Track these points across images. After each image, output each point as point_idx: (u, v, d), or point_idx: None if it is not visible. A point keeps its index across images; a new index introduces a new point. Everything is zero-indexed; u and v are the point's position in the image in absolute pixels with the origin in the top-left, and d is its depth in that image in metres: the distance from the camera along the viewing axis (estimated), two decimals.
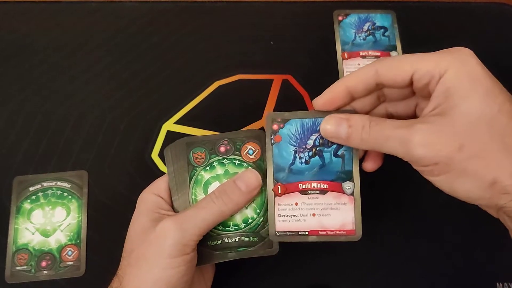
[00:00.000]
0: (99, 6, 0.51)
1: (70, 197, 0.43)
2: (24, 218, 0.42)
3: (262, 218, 0.34)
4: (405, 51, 0.49)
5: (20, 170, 0.43)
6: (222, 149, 0.35)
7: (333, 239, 0.32)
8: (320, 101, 0.31)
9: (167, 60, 0.48)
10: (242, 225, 0.34)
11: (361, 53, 0.48)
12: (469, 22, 0.52)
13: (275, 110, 0.46)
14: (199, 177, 0.35)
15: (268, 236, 0.32)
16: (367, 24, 0.50)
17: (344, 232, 0.32)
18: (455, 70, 0.27)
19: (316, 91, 0.47)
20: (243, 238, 0.34)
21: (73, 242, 0.41)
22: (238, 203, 0.32)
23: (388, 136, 0.28)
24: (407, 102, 0.33)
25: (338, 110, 0.32)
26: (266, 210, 0.34)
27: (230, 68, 0.48)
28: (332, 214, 0.32)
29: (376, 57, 0.48)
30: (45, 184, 0.43)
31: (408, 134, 0.27)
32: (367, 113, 0.33)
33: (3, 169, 0.44)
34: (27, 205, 0.42)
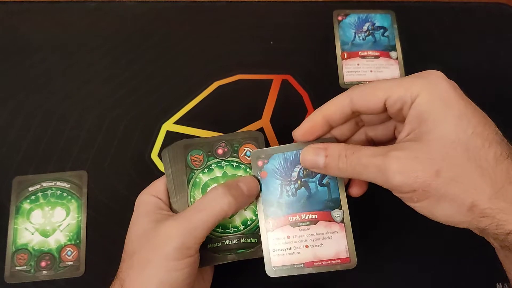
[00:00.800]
0: (99, 6, 0.51)
1: (69, 197, 0.43)
2: (23, 218, 0.42)
3: None
4: (405, 51, 0.49)
5: (19, 170, 0.43)
6: (220, 151, 0.35)
7: (329, 269, 0.32)
8: (300, 132, 0.32)
9: (167, 60, 0.48)
10: (242, 227, 0.34)
11: (361, 53, 0.48)
12: (469, 22, 0.52)
13: (274, 110, 0.46)
14: (197, 180, 0.35)
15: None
16: (367, 24, 0.50)
17: (339, 261, 0.32)
18: (426, 94, 0.27)
19: (315, 91, 0.48)
20: (242, 240, 0.34)
21: (73, 242, 0.41)
22: (240, 205, 0.32)
23: (365, 164, 0.28)
24: (386, 125, 0.33)
25: (318, 139, 0.32)
26: None
27: (229, 68, 0.48)
28: (325, 243, 0.32)
29: (376, 57, 0.48)
30: (44, 184, 0.43)
31: (385, 162, 0.27)
32: (346, 139, 0.33)
33: (2, 169, 0.44)
34: (26, 205, 0.42)
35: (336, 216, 0.32)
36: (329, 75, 0.48)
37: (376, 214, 0.43)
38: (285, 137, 0.45)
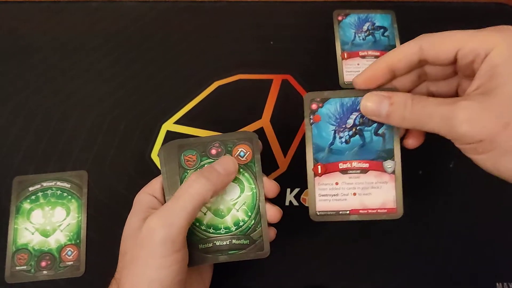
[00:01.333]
0: (99, 6, 0.51)
1: (69, 197, 0.43)
2: (23, 218, 0.42)
3: (253, 221, 0.34)
4: None
5: (20, 170, 0.43)
6: (213, 151, 0.35)
7: (374, 218, 0.32)
8: (360, 79, 0.31)
9: (167, 60, 0.48)
10: (233, 228, 0.34)
11: (361, 53, 0.48)
12: (469, 22, 0.51)
13: (274, 110, 0.46)
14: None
15: (259, 240, 0.33)
16: (367, 24, 0.50)
17: (386, 211, 0.32)
18: (501, 48, 0.26)
19: (315, 91, 0.47)
20: (234, 241, 0.34)
21: (73, 242, 0.41)
22: (216, 184, 0.32)
23: (430, 113, 0.27)
24: (449, 82, 0.32)
25: (378, 88, 0.31)
26: (258, 213, 0.34)
27: (230, 68, 0.48)
28: (373, 193, 0.32)
29: (376, 57, 0.48)
30: (44, 184, 0.43)
31: (452, 111, 0.26)
32: (408, 92, 0.32)
33: (3, 169, 0.44)
34: (26, 205, 0.42)
35: (388, 166, 0.32)
36: (330, 75, 0.48)
37: None
38: (285, 137, 0.45)
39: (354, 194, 0.32)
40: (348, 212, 0.32)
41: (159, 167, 0.44)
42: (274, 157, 0.44)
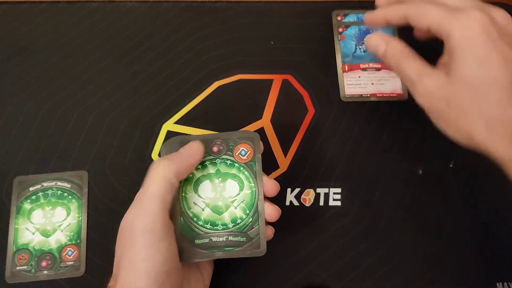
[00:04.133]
0: (99, 6, 0.51)
1: (70, 197, 0.43)
2: (24, 218, 0.42)
3: (251, 219, 0.34)
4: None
5: (20, 170, 0.43)
6: (215, 149, 0.35)
7: (388, 99, 0.46)
8: (368, 17, 0.38)
9: (167, 60, 0.48)
10: (231, 225, 0.34)
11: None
12: None
13: (275, 110, 0.46)
14: (190, 175, 0.35)
15: (255, 238, 0.33)
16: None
17: (396, 95, 0.47)
18: (456, 37, 0.31)
19: (316, 91, 0.48)
20: (230, 238, 0.34)
21: (73, 242, 0.41)
22: (178, 163, 0.33)
23: (404, 73, 0.34)
24: None
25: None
26: (256, 210, 0.34)
27: (230, 68, 0.48)
28: (386, 83, 0.47)
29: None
30: (45, 184, 0.43)
31: (415, 82, 0.33)
32: None
33: (3, 169, 0.44)
34: (27, 205, 0.42)
35: None
36: (330, 74, 0.48)
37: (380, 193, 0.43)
38: (286, 137, 0.45)
39: (372, 83, 0.47)
40: (368, 95, 0.46)
41: None
42: (274, 157, 0.44)
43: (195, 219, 0.34)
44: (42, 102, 0.46)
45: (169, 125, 0.46)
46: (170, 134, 0.45)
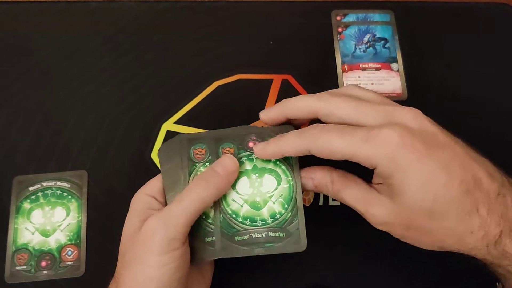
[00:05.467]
0: (99, 6, 0.51)
1: (69, 197, 0.43)
2: (23, 218, 0.42)
3: (290, 213, 0.33)
4: (406, 59, 0.49)
5: (20, 170, 0.43)
6: (251, 144, 0.35)
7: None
8: (264, 117, 0.35)
9: (167, 60, 0.48)
10: (270, 220, 0.33)
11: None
12: (469, 22, 0.52)
13: None
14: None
15: (295, 232, 0.33)
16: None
17: (395, 95, 0.47)
18: (384, 167, 0.28)
19: (315, 91, 0.47)
20: (270, 234, 0.33)
21: (73, 242, 0.41)
22: (218, 187, 0.32)
23: (351, 205, 0.31)
24: None
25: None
26: (295, 205, 0.34)
27: (230, 68, 0.48)
28: (385, 83, 0.47)
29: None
30: (44, 184, 0.43)
31: (365, 213, 0.31)
32: None
33: (3, 169, 0.44)
34: (26, 205, 0.42)
35: (394, 67, 0.48)
36: (329, 74, 0.48)
37: None
38: None
39: (372, 83, 0.47)
40: None
41: (160, 167, 0.44)
42: None
43: (234, 215, 0.33)
44: (42, 102, 0.46)
45: (169, 125, 0.46)
46: (170, 134, 0.45)
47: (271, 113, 0.34)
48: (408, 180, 0.28)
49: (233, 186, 0.34)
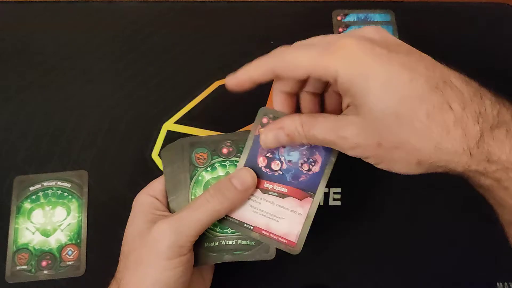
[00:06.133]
0: (99, 6, 0.51)
1: (70, 196, 0.43)
2: (24, 217, 0.42)
3: None
4: None
5: (20, 170, 0.44)
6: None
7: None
8: (230, 84, 0.32)
9: (167, 60, 0.49)
10: None
11: None
12: (469, 22, 0.52)
13: None
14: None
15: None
16: None
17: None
18: (344, 72, 0.26)
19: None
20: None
21: (73, 242, 0.41)
22: (234, 202, 0.32)
23: (321, 140, 0.29)
24: (329, 93, 0.33)
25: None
26: None
27: (230, 68, 0.48)
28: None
29: None
30: (45, 183, 0.43)
31: (337, 141, 0.28)
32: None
33: (3, 169, 0.44)
34: (27, 205, 0.42)
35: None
36: None
37: (380, 195, 0.43)
38: None
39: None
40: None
41: (160, 167, 0.44)
42: None
43: None
44: (42, 102, 0.46)
45: (169, 125, 0.46)
46: (170, 134, 0.45)
47: (234, 80, 0.32)
48: (369, 82, 0.26)
49: None
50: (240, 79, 0.32)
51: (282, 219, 0.33)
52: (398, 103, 0.26)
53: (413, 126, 0.26)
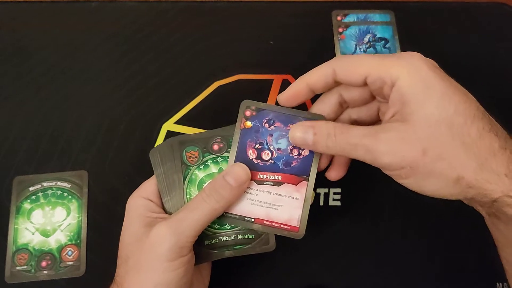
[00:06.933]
0: (99, 6, 0.51)
1: (70, 197, 0.43)
2: (24, 218, 0.42)
3: None
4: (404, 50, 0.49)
5: (20, 170, 0.43)
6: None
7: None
8: (283, 97, 0.33)
9: (167, 60, 0.48)
10: None
11: None
12: (469, 22, 0.52)
13: None
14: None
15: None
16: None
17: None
18: (407, 77, 0.28)
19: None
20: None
21: (73, 242, 0.41)
22: (230, 199, 0.32)
23: (354, 144, 0.29)
24: (369, 107, 0.34)
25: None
26: None
27: (230, 68, 0.48)
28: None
29: None
30: (45, 184, 0.43)
31: (373, 143, 0.28)
32: (333, 121, 0.34)
33: (3, 169, 0.44)
34: (27, 205, 0.42)
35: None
36: None
37: (380, 195, 0.43)
38: None
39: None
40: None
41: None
42: None
43: None
44: (42, 102, 0.46)
45: (169, 125, 0.46)
46: (170, 134, 0.45)
47: (289, 92, 0.33)
48: (430, 90, 0.27)
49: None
50: (296, 88, 0.32)
51: (281, 206, 0.33)
52: (454, 114, 0.27)
53: (463, 140, 0.27)
